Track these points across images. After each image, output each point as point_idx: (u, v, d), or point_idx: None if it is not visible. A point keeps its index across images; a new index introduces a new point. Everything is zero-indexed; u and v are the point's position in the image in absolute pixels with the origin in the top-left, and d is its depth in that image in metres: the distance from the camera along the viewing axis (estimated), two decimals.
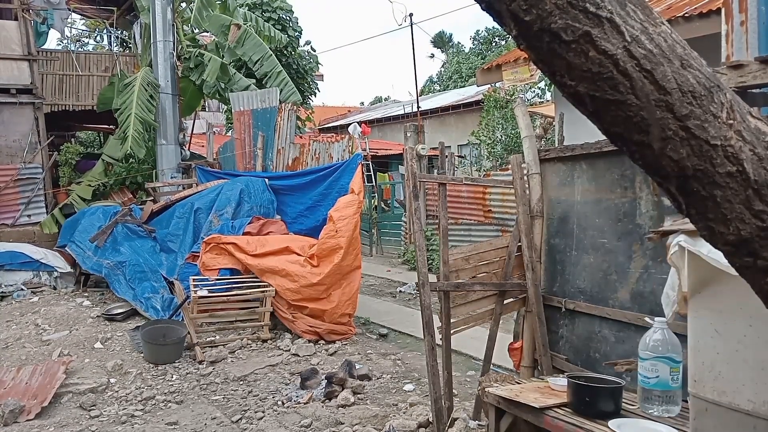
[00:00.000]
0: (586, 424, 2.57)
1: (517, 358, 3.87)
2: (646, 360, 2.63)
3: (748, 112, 1.12)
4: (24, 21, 10.75)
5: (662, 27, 1.07)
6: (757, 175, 1.06)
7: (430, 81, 35.89)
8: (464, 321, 3.89)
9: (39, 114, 10.91)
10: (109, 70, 12.98)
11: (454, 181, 4.57)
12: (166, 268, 7.88)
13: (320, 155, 8.97)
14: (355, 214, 6.78)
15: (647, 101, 1.04)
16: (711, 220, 1.11)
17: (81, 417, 4.63)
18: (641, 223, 3.17)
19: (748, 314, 2.04)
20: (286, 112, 9.42)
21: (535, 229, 3.80)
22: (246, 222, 7.70)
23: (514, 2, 1.03)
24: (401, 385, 5.12)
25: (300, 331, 6.38)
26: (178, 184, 10.00)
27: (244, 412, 4.60)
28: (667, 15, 6.39)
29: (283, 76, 11.13)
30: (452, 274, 3.76)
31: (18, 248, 8.99)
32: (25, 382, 5.11)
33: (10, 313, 7.53)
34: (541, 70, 1.15)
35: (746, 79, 2.51)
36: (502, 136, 15.08)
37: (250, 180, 8.41)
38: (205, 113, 20.92)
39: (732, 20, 3.27)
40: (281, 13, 16.38)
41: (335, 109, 29.74)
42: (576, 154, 3.54)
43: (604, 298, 3.38)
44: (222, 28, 10.89)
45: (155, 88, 10.30)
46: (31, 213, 10.54)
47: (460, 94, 22.64)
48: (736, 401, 2.09)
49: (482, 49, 33.12)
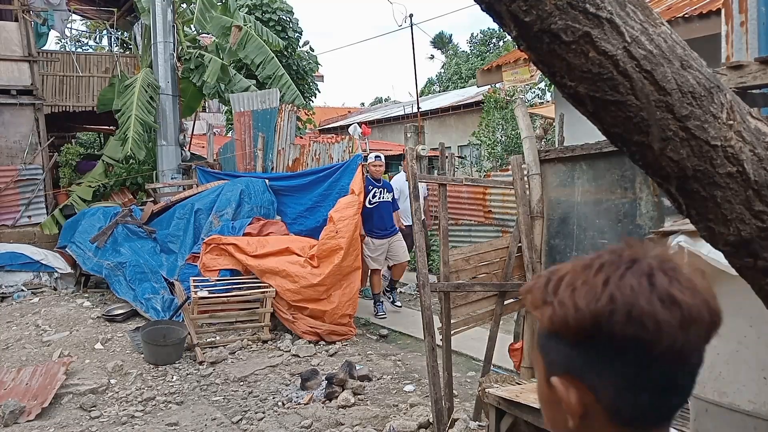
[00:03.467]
0: None
1: (518, 358, 3.87)
2: None
3: (748, 112, 1.12)
4: (24, 22, 10.75)
5: (662, 28, 1.07)
6: (757, 176, 1.06)
7: (430, 82, 35.90)
8: (464, 322, 3.89)
9: (39, 115, 10.92)
10: (109, 71, 12.99)
11: (455, 181, 4.57)
12: (166, 269, 7.88)
13: (320, 156, 8.97)
14: (356, 215, 6.78)
15: (647, 102, 1.04)
16: (711, 221, 1.11)
17: (81, 418, 4.63)
18: (641, 224, 3.17)
19: (749, 315, 2.04)
20: (286, 113, 9.43)
21: (536, 230, 3.80)
22: (246, 223, 7.70)
23: (514, 3, 1.03)
24: (401, 385, 5.11)
25: (300, 332, 6.38)
26: (179, 185, 10.00)
27: (244, 413, 4.60)
28: (667, 16, 6.39)
29: (286, 79, 11.13)
30: (452, 275, 3.76)
31: (18, 249, 9.00)
32: (26, 383, 5.11)
33: (10, 314, 7.53)
34: (541, 71, 1.15)
35: (746, 80, 2.51)
36: (503, 137, 15.08)
37: (250, 181, 8.41)
38: (205, 114, 20.94)
39: (732, 21, 3.27)
40: (281, 14, 16.37)
41: (335, 110, 29.74)
42: (576, 155, 3.55)
43: None
44: (223, 30, 10.90)
45: (155, 89, 10.30)
46: (32, 214, 10.54)
47: (460, 95, 22.62)
48: (736, 402, 2.09)
49: (481, 50, 33.14)
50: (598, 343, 0.72)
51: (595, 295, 0.71)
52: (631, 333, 0.70)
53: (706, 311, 0.72)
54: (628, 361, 0.71)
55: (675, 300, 0.70)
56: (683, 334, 0.71)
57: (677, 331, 0.70)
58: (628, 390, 0.72)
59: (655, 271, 0.72)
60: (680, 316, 0.70)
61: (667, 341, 0.70)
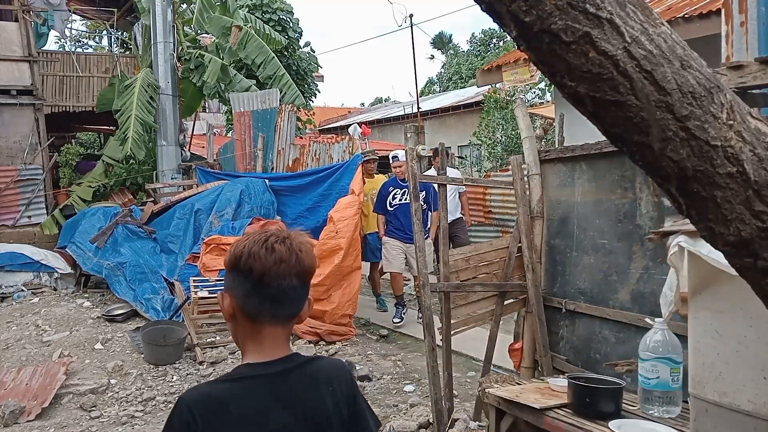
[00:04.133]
0: (586, 424, 2.57)
1: (518, 358, 3.87)
2: (646, 361, 2.63)
3: (748, 112, 1.12)
4: (24, 22, 10.76)
5: (662, 28, 1.07)
6: (758, 176, 1.06)
7: (431, 82, 35.89)
8: (464, 322, 3.89)
9: (39, 115, 10.92)
10: (109, 72, 12.99)
11: (455, 181, 4.57)
12: (166, 269, 7.88)
13: (320, 156, 8.97)
14: (356, 215, 6.77)
15: (647, 102, 1.04)
16: (711, 221, 1.11)
17: (81, 418, 4.63)
18: (641, 224, 3.17)
19: (749, 315, 2.04)
20: (286, 113, 9.43)
21: (536, 230, 3.80)
22: (246, 223, 7.70)
23: (514, 3, 1.03)
24: (401, 385, 5.11)
25: (300, 332, 6.38)
26: (179, 185, 10.00)
27: None
28: (667, 16, 6.39)
29: (287, 79, 11.13)
30: (453, 275, 3.76)
31: (18, 249, 9.00)
32: (26, 383, 5.12)
33: (10, 314, 7.53)
34: (541, 71, 1.15)
35: (746, 80, 2.51)
36: (503, 137, 15.08)
37: (250, 181, 8.41)
38: (205, 114, 20.94)
39: (732, 21, 3.27)
40: (281, 14, 16.38)
41: (335, 110, 29.74)
42: (576, 155, 3.55)
43: (604, 299, 3.38)
44: (223, 30, 10.90)
45: (155, 90, 10.30)
46: (32, 214, 10.54)
47: (460, 95, 22.62)
48: (736, 402, 2.09)
49: (481, 50, 33.13)
50: (235, 270, 1.31)
51: (239, 246, 1.31)
52: (249, 264, 1.28)
53: (293, 257, 1.29)
54: (247, 281, 1.29)
55: (274, 249, 1.28)
56: (275, 267, 1.27)
57: (272, 265, 1.27)
58: (249, 297, 1.30)
59: (270, 236, 1.31)
60: (274, 258, 1.27)
61: (265, 270, 1.27)
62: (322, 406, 1.33)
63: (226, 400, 1.24)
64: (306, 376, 1.34)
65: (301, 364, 1.35)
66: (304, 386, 1.33)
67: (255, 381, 1.29)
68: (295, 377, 1.32)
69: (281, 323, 1.33)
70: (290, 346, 1.39)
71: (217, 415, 1.22)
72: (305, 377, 1.34)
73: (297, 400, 1.31)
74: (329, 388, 1.36)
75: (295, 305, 1.32)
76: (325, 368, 1.41)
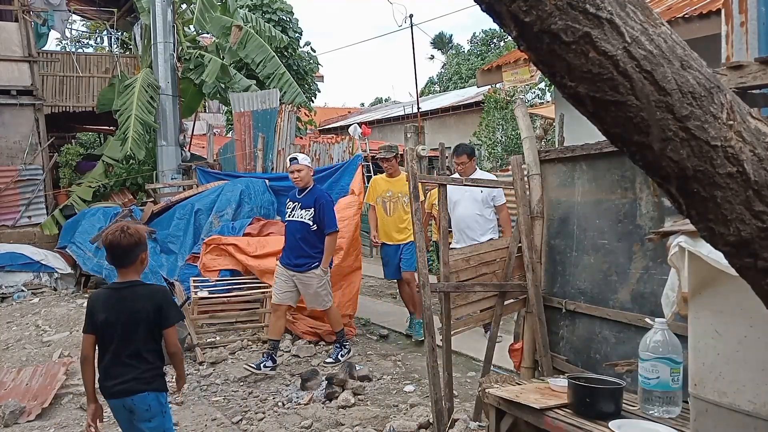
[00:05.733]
0: (586, 425, 2.57)
1: (518, 359, 3.86)
2: (646, 361, 2.62)
3: (748, 112, 1.12)
4: (24, 22, 10.76)
5: (662, 28, 1.07)
6: (758, 176, 1.06)
7: (431, 82, 35.89)
8: (464, 322, 3.89)
9: (39, 115, 10.92)
10: (109, 72, 12.99)
11: (454, 181, 4.56)
12: (166, 269, 7.87)
13: (320, 156, 8.97)
14: (356, 215, 6.77)
15: (647, 102, 1.04)
16: (711, 221, 1.11)
17: (81, 418, 4.63)
18: (641, 224, 3.16)
19: (749, 315, 2.03)
20: (286, 114, 9.43)
21: (536, 230, 3.80)
22: (246, 223, 7.70)
23: (514, 3, 1.03)
24: (402, 386, 5.11)
25: (300, 332, 6.38)
26: (179, 185, 10.00)
27: (244, 413, 4.60)
28: (667, 16, 6.39)
29: (287, 77, 11.12)
30: (452, 275, 3.76)
31: (18, 249, 9.00)
32: (26, 384, 5.11)
33: (10, 314, 7.53)
34: (541, 71, 1.15)
35: (746, 80, 2.51)
36: (503, 137, 15.09)
37: (250, 181, 8.41)
38: (205, 114, 20.96)
39: (732, 21, 3.27)
40: (281, 15, 16.39)
41: (335, 110, 29.76)
42: (576, 155, 3.54)
43: (604, 299, 3.38)
44: (223, 30, 10.90)
45: (155, 90, 10.30)
46: (32, 214, 10.54)
47: (460, 95, 22.61)
48: (736, 402, 2.09)
49: (481, 51, 33.13)
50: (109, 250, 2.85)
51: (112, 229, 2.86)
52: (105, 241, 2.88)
53: (116, 241, 2.78)
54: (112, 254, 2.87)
55: (108, 235, 2.83)
56: (110, 250, 2.84)
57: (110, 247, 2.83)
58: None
59: (122, 225, 2.86)
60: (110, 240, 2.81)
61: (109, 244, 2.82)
62: (137, 306, 2.80)
63: (96, 295, 2.92)
64: (132, 291, 2.83)
65: (132, 285, 2.84)
66: (128, 295, 2.82)
67: (108, 291, 2.96)
68: (125, 291, 2.83)
69: (120, 267, 2.87)
70: (137, 277, 2.88)
71: (92, 302, 2.88)
72: (131, 292, 2.83)
73: (123, 302, 2.80)
74: (148, 299, 2.82)
75: (127, 259, 2.83)
76: (149, 288, 2.92)
